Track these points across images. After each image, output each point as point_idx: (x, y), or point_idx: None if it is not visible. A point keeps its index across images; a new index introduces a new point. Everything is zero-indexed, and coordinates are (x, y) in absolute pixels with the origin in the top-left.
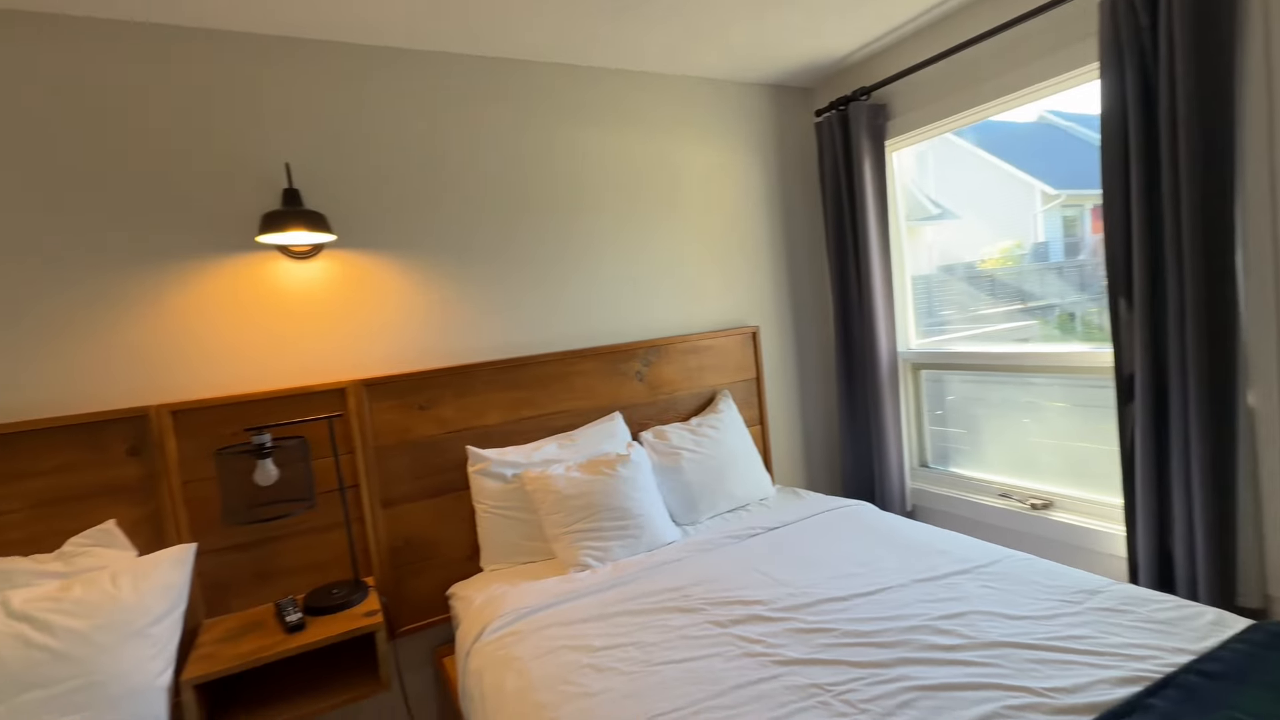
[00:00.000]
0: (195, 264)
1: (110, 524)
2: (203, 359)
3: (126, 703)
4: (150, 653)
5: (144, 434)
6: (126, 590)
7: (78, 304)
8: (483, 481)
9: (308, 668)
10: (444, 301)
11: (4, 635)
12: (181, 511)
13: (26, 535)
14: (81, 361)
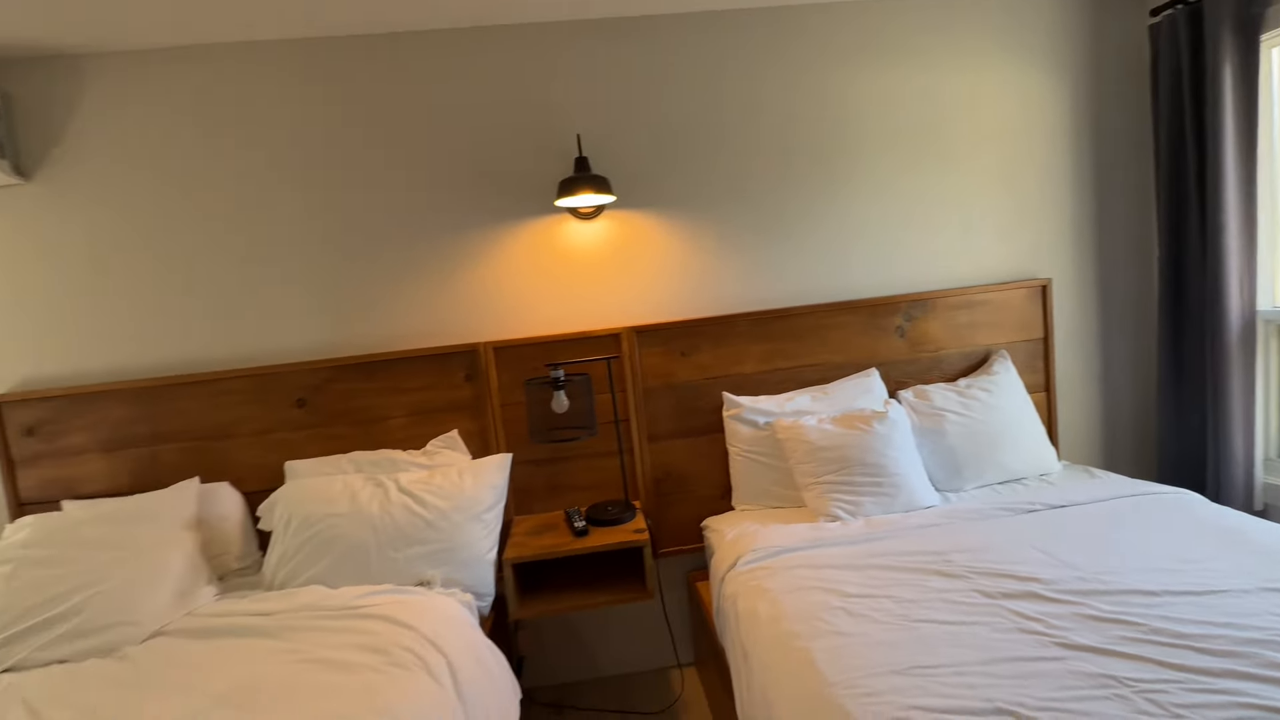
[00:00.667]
0: (508, 227)
1: (454, 433)
2: (514, 305)
3: (469, 567)
4: (483, 533)
5: (475, 364)
6: (469, 484)
7: (429, 261)
8: (736, 426)
9: (584, 568)
10: (708, 255)
11: (397, 504)
12: (500, 428)
13: (404, 435)
14: (433, 307)
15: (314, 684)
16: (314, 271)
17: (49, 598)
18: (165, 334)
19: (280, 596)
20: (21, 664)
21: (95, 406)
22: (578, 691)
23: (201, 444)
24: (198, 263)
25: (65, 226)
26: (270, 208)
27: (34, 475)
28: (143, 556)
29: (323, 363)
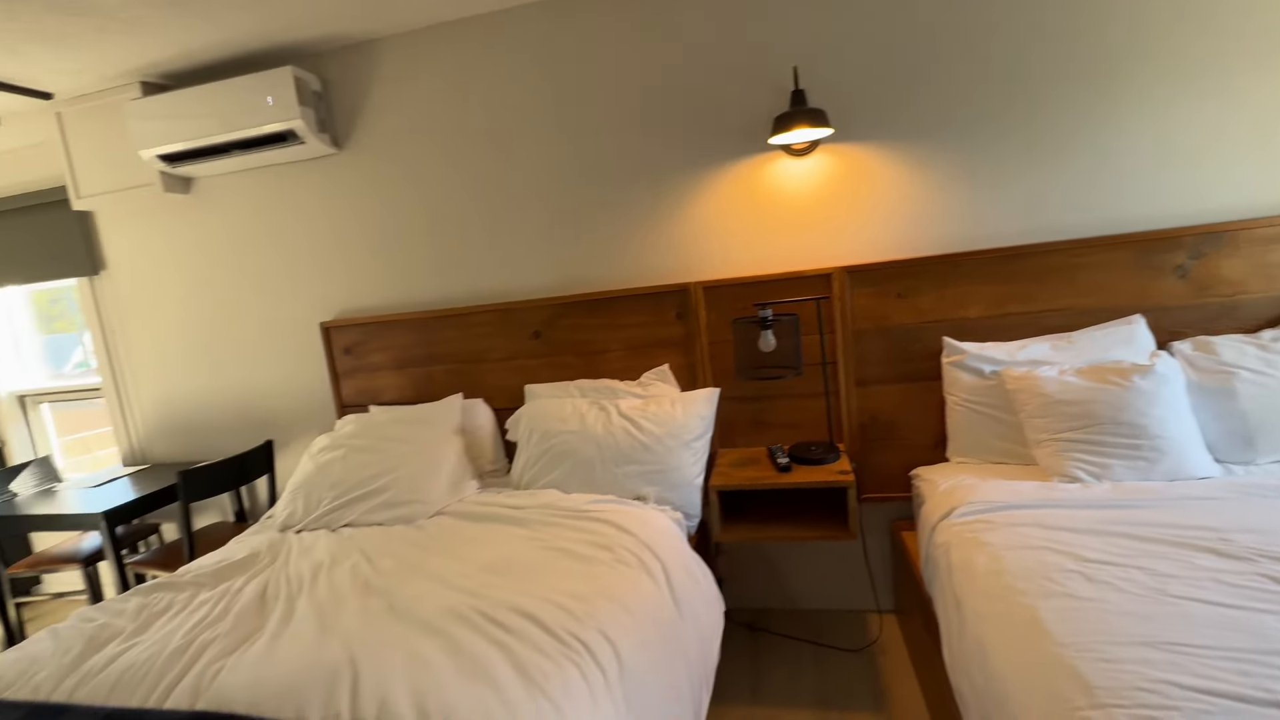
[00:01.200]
0: (721, 167)
1: (665, 367)
2: (725, 245)
3: (679, 489)
4: (692, 460)
5: (686, 303)
6: (679, 413)
7: (645, 206)
8: (957, 374)
9: (784, 503)
10: (932, 189)
11: (618, 427)
12: (707, 364)
13: (620, 367)
14: (649, 249)
15: (555, 567)
16: (548, 221)
17: (369, 476)
18: (438, 274)
19: (526, 495)
20: (354, 522)
21: (389, 333)
22: (771, 618)
23: (462, 366)
24: (458, 214)
25: (367, 187)
26: (512, 164)
27: (351, 385)
28: (427, 452)
29: (553, 300)
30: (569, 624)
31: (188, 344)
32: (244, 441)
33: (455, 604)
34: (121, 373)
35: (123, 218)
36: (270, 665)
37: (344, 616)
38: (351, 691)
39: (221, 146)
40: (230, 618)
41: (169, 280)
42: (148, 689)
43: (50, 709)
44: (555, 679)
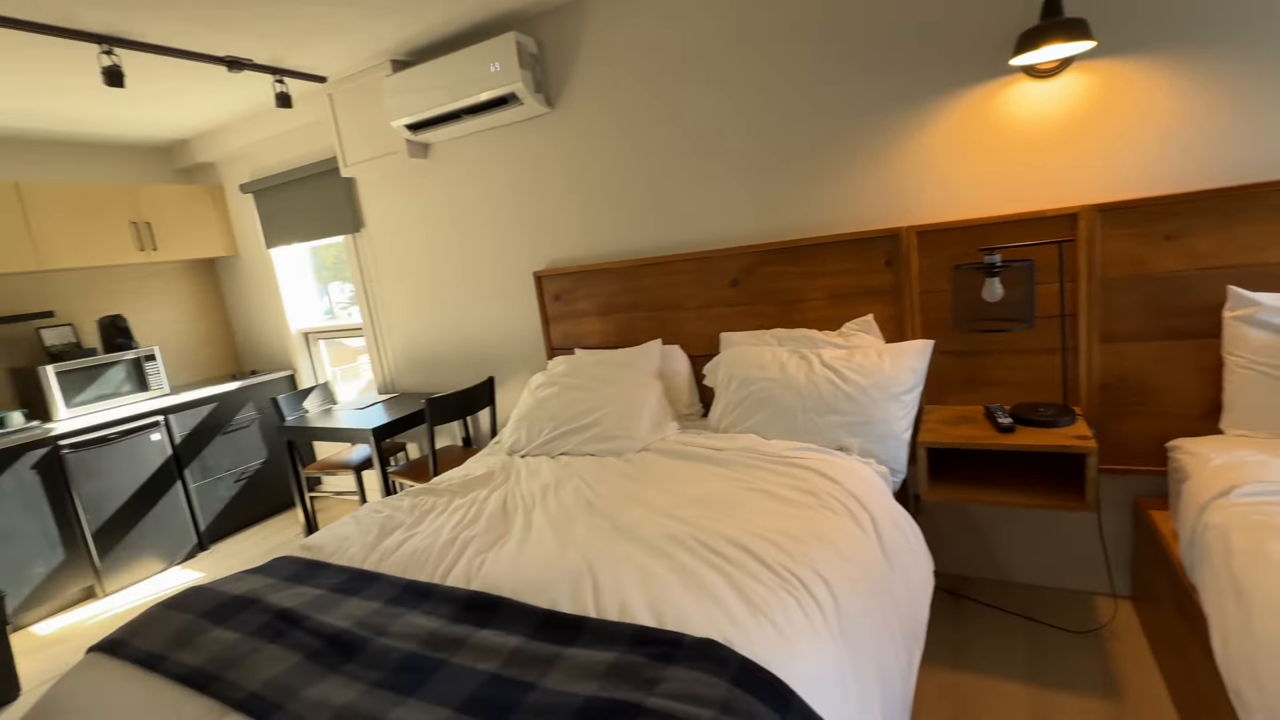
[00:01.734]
0: (941, 99)
1: (869, 317)
2: (943, 185)
3: (884, 442)
4: (900, 413)
5: (896, 250)
6: (887, 365)
7: (853, 146)
8: (1245, 331)
9: (998, 467)
10: (1220, 106)
11: (820, 376)
12: (917, 315)
13: (819, 316)
14: (856, 192)
15: (761, 506)
16: (748, 166)
17: (581, 411)
18: (641, 224)
19: (725, 438)
20: (570, 451)
21: (594, 281)
22: (977, 586)
23: (661, 314)
24: (662, 165)
25: (576, 144)
26: (714, 111)
27: (559, 329)
28: (631, 392)
29: (753, 248)
30: (783, 560)
31: (425, 292)
32: (468, 377)
33: (672, 530)
34: (377, 316)
35: (377, 182)
36: (523, 562)
37: (576, 531)
38: (594, 592)
39: (454, 113)
40: (482, 521)
41: (411, 236)
42: (431, 569)
43: (366, 575)
44: (776, 607)
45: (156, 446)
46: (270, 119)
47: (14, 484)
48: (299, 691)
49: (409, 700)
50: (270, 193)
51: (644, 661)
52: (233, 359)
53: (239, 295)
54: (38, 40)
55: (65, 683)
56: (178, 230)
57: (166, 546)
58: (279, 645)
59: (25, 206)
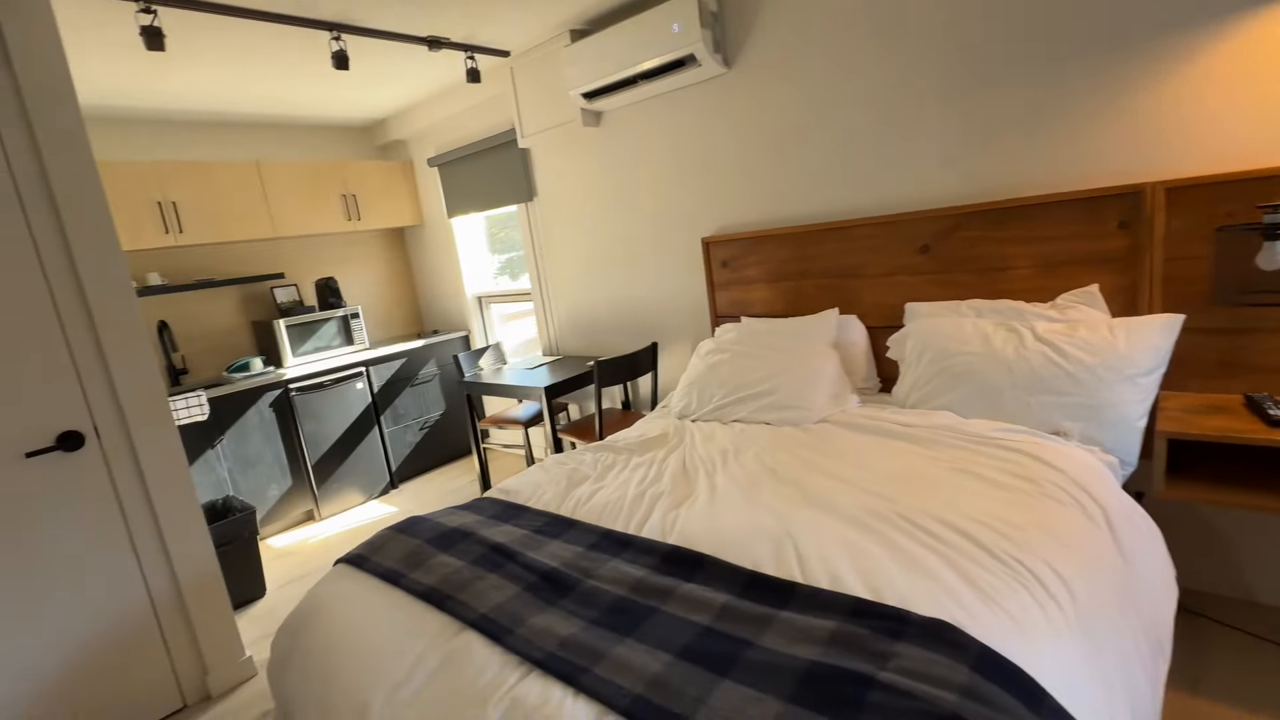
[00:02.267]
0: (1213, 23)
1: (1094, 288)
2: (1207, 131)
3: (1113, 429)
4: (1136, 398)
5: (1136, 209)
6: (1121, 341)
7: (1081, 90)
8: None
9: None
10: None
11: (1034, 352)
12: (1157, 286)
13: (1028, 287)
14: (1084, 144)
15: (969, 488)
16: (944, 119)
17: (754, 379)
18: (818, 188)
19: (916, 414)
20: (744, 419)
21: (764, 247)
22: (1216, 604)
23: (836, 281)
24: (844, 122)
25: (752, 103)
26: (907, 53)
27: (725, 296)
28: (807, 362)
29: (949, 210)
30: (1008, 548)
31: (592, 258)
32: (630, 342)
33: (871, 505)
34: (545, 282)
35: (550, 152)
36: (717, 522)
37: (764, 495)
38: (797, 558)
39: (630, 79)
40: (666, 480)
41: (581, 204)
42: (624, 520)
43: (563, 520)
44: (1008, 596)
45: (359, 394)
46: (454, 96)
47: (257, 419)
48: (525, 619)
49: (628, 640)
50: (453, 165)
51: (868, 634)
52: (416, 319)
53: (422, 261)
54: (278, 31)
55: (325, 585)
56: (376, 202)
57: (365, 482)
58: (499, 575)
59: (264, 182)
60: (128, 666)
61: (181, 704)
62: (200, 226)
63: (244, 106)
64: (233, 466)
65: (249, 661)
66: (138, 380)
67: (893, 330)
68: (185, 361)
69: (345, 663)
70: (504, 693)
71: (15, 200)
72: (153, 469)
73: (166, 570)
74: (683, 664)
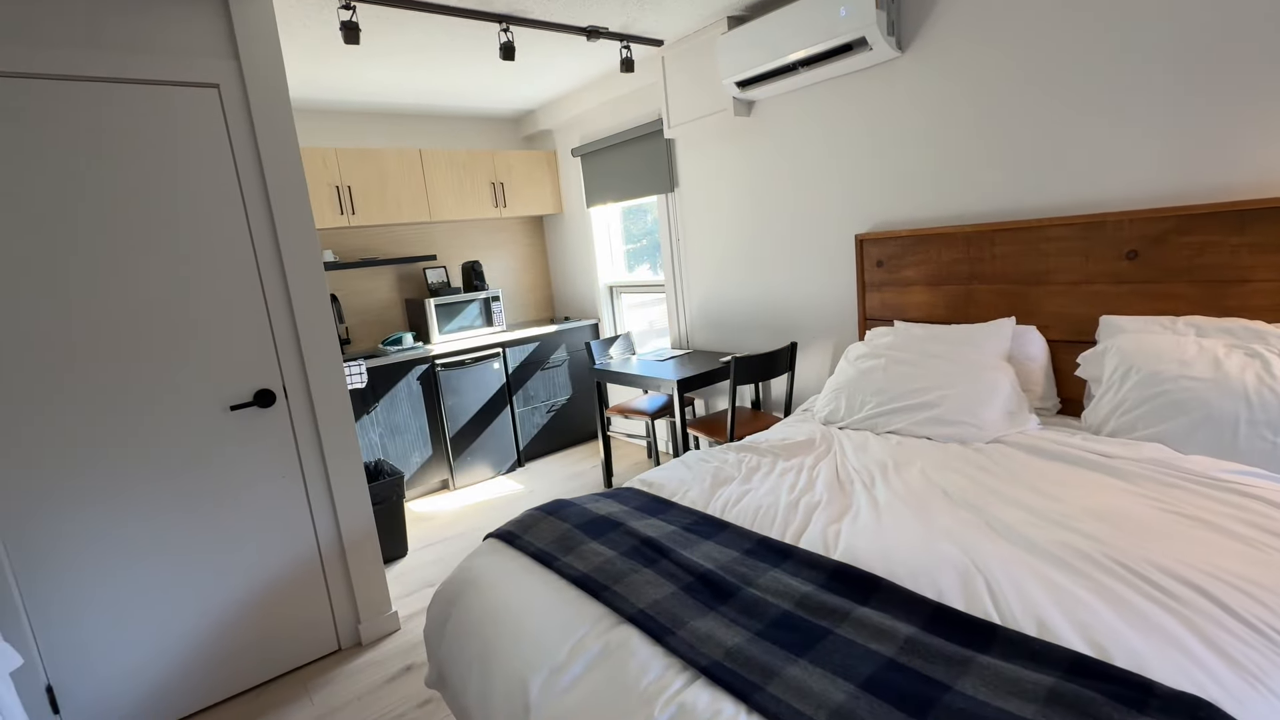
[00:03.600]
0: None
1: None
2: None
3: None
4: None
5: None
6: None
7: None
8: None
9: None
10: None
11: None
12: None
13: (1273, 304)
14: None
15: (1199, 537)
16: (1156, 109)
17: (914, 389)
18: (991, 184)
19: (1117, 444)
20: (900, 430)
21: (927, 247)
22: None
23: (1013, 288)
24: (1030, 110)
25: (924, 89)
26: (1106, 36)
27: (877, 298)
28: (976, 375)
29: (1167, 210)
30: (1261, 613)
31: (730, 253)
32: (765, 341)
33: (1073, 542)
34: (679, 273)
35: (696, 143)
36: (887, 542)
37: (938, 519)
38: (989, 594)
39: (788, 66)
40: (819, 488)
41: (723, 196)
42: (780, 528)
43: (713, 520)
44: (1272, 673)
45: (495, 374)
46: (602, 86)
47: (405, 390)
48: (686, 621)
49: (801, 660)
50: (595, 155)
51: (1101, 700)
52: (550, 305)
53: (559, 249)
54: (450, 24)
55: (478, 559)
56: (521, 190)
57: (496, 458)
58: (653, 571)
59: (425, 169)
60: (296, 607)
61: (337, 646)
62: (369, 209)
63: (410, 98)
64: (383, 432)
65: (394, 616)
66: (321, 347)
67: (1080, 346)
68: (349, 333)
69: (504, 638)
70: (670, 696)
71: (235, 184)
72: (328, 429)
73: (333, 522)
74: (868, 697)
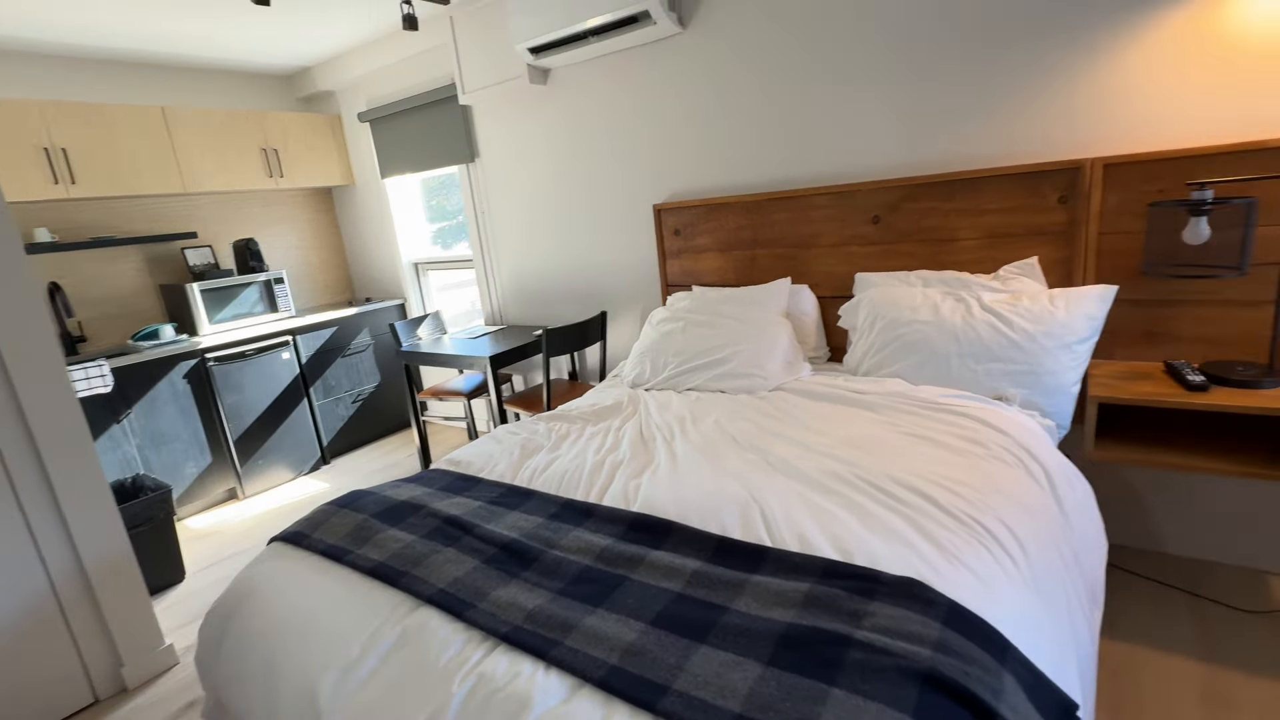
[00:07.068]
0: (1136, 15)
1: (1034, 260)
2: (1142, 110)
3: (1051, 395)
4: (1071, 364)
5: (1074, 185)
6: (1060, 311)
7: (1030, 66)
8: None
9: (1171, 429)
10: None
11: (980, 320)
12: (1091, 259)
13: (973, 258)
14: (1030, 119)
15: (925, 453)
16: (898, 91)
17: (709, 348)
18: (773, 156)
19: (869, 381)
20: (699, 387)
21: (718, 216)
22: (1131, 557)
23: (789, 251)
24: (795, 94)
25: (707, 66)
26: (857, 31)
27: (676, 265)
28: (762, 331)
29: (901, 181)
30: (965, 507)
31: (538, 223)
32: (578, 312)
33: (833, 469)
34: (487, 247)
35: (493, 110)
36: (681, 489)
37: (728, 462)
38: (764, 522)
39: (580, 35)
40: (624, 448)
41: (526, 167)
42: (585, 489)
43: (520, 490)
44: (969, 554)
45: (286, 365)
46: (387, 46)
47: (170, 391)
48: (488, 592)
49: (599, 610)
50: (386, 121)
51: (843, 594)
52: (348, 286)
53: (354, 224)
54: None
55: (259, 566)
56: (301, 158)
57: (295, 458)
58: (455, 549)
59: (171, 130)
60: (30, 663)
61: (93, 698)
62: (95, 178)
63: (148, 45)
64: (142, 443)
65: (169, 650)
66: (30, 348)
67: (842, 300)
68: (83, 328)
69: (289, 646)
70: (469, 669)
71: None
72: (48, 441)
73: (69, 553)
74: (657, 632)
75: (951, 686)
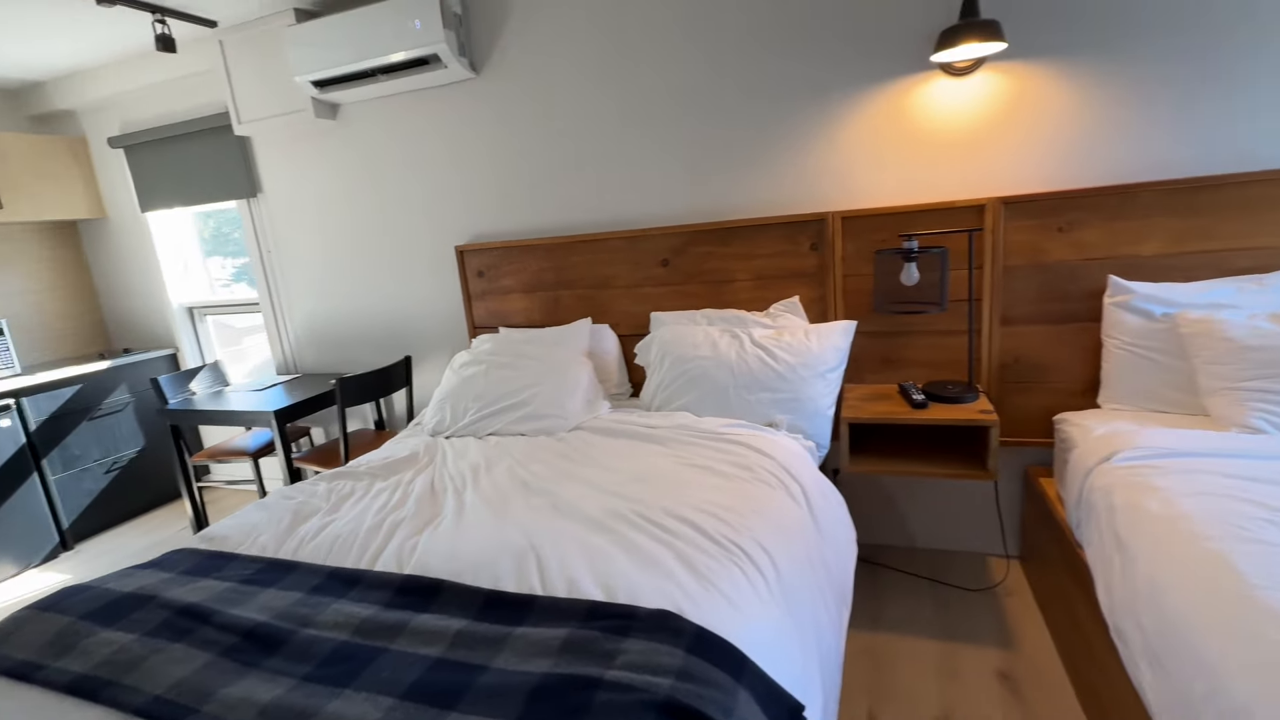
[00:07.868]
0: (868, 90)
1: (795, 299)
2: (867, 173)
3: (811, 418)
4: (825, 391)
5: (822, 234)
6: (814, 344)
7: (784, 131)
8: (1121, 316)
9: (911, 441)
10: (1113, 110)
11: (751, 355)
12: (840, 298)
13: (748, 297)
14: (786, 176)
15: (700, 481)
16: (681, 146)
17: (510, 390)
18: (570, 201)
19: (660, 416)
20: (499, 431)
21: (521, 257)
22: (889, 554)
23: (589, 292)
24: (593, 141)
25: (503, 112)
26: (644, 89)
27: (482, 306)
28: (563, 371)
29: (684, 228)
30: (726, 531)
31: (333, 264)
32: (381, 357)
33: (614, 506)
34: (276, 289)
35: (277, 143)
36: (460, 544)
37: (514, 510)
38: (539, 570)
39: (368, 72)
40: (410, 503)
41: (317, 203)
42: (357, 555)
43: (283, 564)
44: (723, 577)
45: (7, 434)
46: (144, 65)
47: None
48: (215, 692)
49: (345, 691)
50: (147, 149)
51: (600, 635)
52: (101, 336)
53: (109, 263)
54: None
55: None
56: (28, 186)
57: (20, 548)
58: (185, 644)
59: None
60: None
61: None
62: None
63: None
64: None
65: None
66: None
67: (641, 338)
68: None
69: None
70: None
71: None
72: None
73: None
74: (406, 705)
75: (687, 712)
